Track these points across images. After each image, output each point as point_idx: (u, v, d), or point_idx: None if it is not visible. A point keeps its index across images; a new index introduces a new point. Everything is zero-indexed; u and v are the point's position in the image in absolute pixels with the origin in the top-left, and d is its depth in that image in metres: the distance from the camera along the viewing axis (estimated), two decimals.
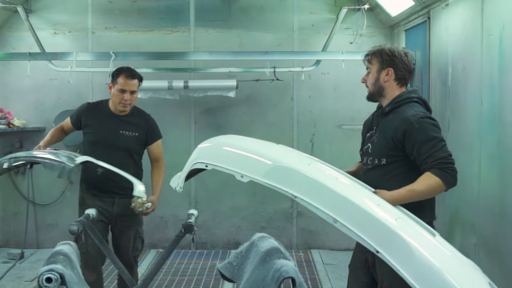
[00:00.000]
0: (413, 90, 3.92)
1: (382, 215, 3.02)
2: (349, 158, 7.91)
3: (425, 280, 2.72)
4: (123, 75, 5.13)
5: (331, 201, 2.99)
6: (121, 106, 5.14)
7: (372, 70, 3.91)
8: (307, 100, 8.13)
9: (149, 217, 8.08)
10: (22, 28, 7.92)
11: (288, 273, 2.62)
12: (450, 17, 5.72)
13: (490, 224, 4.78)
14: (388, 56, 3.85)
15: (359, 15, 7.57)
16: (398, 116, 3.77)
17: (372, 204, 3.16)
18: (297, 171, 3.16)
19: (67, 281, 2.58)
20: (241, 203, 8.17)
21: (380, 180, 3.72)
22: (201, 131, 8.10)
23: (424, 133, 3.66)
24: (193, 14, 8.06)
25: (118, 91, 5.09)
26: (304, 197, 3.01)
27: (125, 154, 5.21)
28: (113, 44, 7.85)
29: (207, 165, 3.45)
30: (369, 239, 2.88)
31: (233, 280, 3.14)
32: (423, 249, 2.84)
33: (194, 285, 6.67)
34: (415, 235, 3.01)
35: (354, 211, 2.97)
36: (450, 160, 3.59)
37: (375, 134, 3.90)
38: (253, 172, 3.19)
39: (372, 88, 3.93)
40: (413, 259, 2.78)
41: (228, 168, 3.29)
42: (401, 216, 3.20)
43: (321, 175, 3.28)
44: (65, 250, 2.86)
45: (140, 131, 5.26)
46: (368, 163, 3.88)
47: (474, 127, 5.08)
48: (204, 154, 3.59)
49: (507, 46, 4.46)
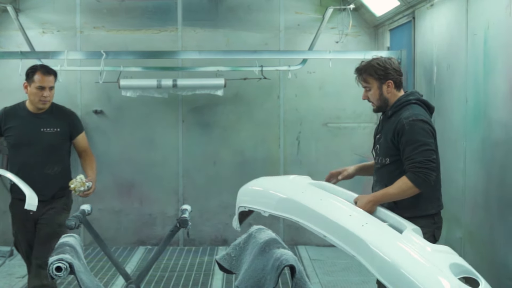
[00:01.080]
0: (411, 93, 4.24)
1: (350, 225, 3.58)
2: (335, 155, 8.14)
3: (385, 273, 3.25)
4: (39, 72, 5.13)
5: (319, 222, 3.69)
6: (41, 104, 5.15)
7: (372, 88, 4.21)
8: (293, 99, 8.25)
9: (138, 214, 8.27)
10: (10, 27, 7.99)
11: (288, 261, 2.74)
12: (435, 17, 5.87)
13: (475, 217, 4.93)
14: (382, 70, 4.15)
15: (344, 15, 7.72)
16: (396, 118, 4.09)
17: (345, 217, 3.71)
18: (294, 201, 3.93)
19: (76, 270, 2.67)
20: (228, 200, 8.22)
21: (390, 177, 4.10)
22: (189, 129, 8.22)
23: (410, 135, 3.98)
24: (181, 13, 8.15)
25: (36, 89, 5.10)
26: (304, 221, 3.76)
27: (49, 152, 5.21)
28: (102, 43, 7.91)
29: (246, 208, 4.37)
30: (346, 246, 3.50)
31: (232, 271, 3.25)
32: (380, 245, 3.36)
33: (184, 280, 6.77)
34: (377, 235, 3.52)
35: (333, 227, 3.61)
36: (426, 164, 3.92)
37: (381, 137, 4.23)
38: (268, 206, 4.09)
39: (378, 103, 4.24)
40: (372, 255, 3.33)
41: (255, 208, 4.25)
42: (369, 221, 3.72)
43: (312, 201, 3.91)
44: (71, 241, 2.95)
45: (62, 126, 5.27)
46: (378, 162, 4.26)
47: (459, 124, 5.23)
48: (242, 198, 4.57)
49: (491, 45, 4.61)
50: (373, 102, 4.27)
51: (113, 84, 7.66)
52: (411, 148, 3.96)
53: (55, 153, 5.25)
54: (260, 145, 8.26)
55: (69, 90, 8.09)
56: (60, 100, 7.98)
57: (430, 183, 3.96)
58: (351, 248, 3.45)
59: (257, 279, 2.89)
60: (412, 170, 3.94)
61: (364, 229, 3.53)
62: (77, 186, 5.01)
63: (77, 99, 8.16)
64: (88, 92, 8.16)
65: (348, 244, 3.48)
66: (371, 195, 4.05)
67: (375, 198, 4.01)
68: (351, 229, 3.51)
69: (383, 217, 3.93)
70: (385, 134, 4.18)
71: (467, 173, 5.06)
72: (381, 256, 3.29)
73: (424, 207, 4.09)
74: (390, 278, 3.20)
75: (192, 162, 8.26)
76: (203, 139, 8.23)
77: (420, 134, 3.97)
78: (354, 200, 4.06)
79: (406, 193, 3.97)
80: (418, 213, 4.03)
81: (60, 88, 7.94)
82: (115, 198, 8.20)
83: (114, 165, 8.20)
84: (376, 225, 3.70)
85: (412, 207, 4.03)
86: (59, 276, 2.66)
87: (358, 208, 3.90)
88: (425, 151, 3.94)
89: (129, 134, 8.22)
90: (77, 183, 5.00)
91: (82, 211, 4.80)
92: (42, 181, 5.14)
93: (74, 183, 5.00)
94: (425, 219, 4.04)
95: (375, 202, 4.00)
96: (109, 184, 8.16)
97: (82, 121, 8.03)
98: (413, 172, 3.93)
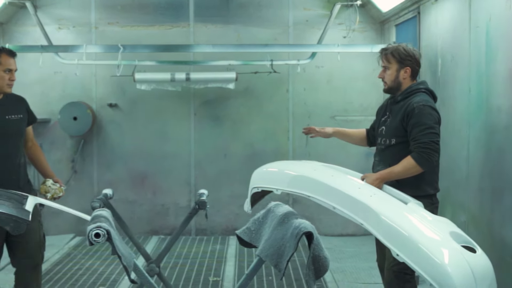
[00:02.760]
0: (421, 82, 4.61)
1: (359, 195, 3.92)
2: (342, 147, 8.33)
3: (391, 237, 3.56)
4: (4, 54, 4.69)
5: (330, 194, 4.01)
6: (9, 88, 4.71)
7: (391, 68, 4.54)
8: (302, 93, 8.49)
9: (151, 204, 8.51)
10: (28, 23, 8.25)
11: (306, 228, 2.99)
12: (439, 11, 6.10)
13: (478, 201, 5.16)
14: (406, 55, 4.50)
15: (351, 11, 7.96)
16: (406, 102, 4.42)
17: (354, 189, 4.07)
18: (307, 177, 4.26)
19: (113, 237, 2.92)
20: (238, 191, 8.46)
21: (393, 158, 4.41)
22: (201, 122, 8.47)
23: (418, 118, 4.31)
24: (193, 10, 8.40)
25: (3, 72, 4.64)
26: (315, 195, 4.07)
27: (16, 141, 4.80)
28: (116, 39, 8.14)
29: (258, 188, 4.64)
30: (355, 215, 3.81)
31: (252, 244, 3.48)
32: (388, 214, 3.68)
33: (198, 266, 7.01)
34: (384, 205, 3.87)
35: (343, 198, 3.93)
36: (430, 146, 4.25)
37: (388, 118, 4.54)
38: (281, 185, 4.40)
39: (391, 84, 4.56)
40: (379, 223, 3.64)
41: (268, 187, 4.57)
42: (376, 193, 4.09)
43: (324, 177, 4.25)
44: (104, 213, 3.19)
45: (23, 112, 4.87)
46: (382, 143, 4.57)
47: (462, 113, 5.47)
48: (255, 180, 4.81)
49: (493, 37, 4.84)
50: (386, 82, 4.57)
51: (127, 78, 7.92)
52: (417, 130, 4.29)
53: (20, 143, 4.83)
54: (269, 137, 8.51)
55: (85, 84, 8.36)
56: (75, 93, 8.36)
57: (432, 163, 4.29)
58: (359, 216, 3.75)
59: (277, 247, 3.13)
60: (417, 150, 4.26)
61: (372, 199, 3.85)
62: (56, 193, 4.80)
63: (92, 93, 8.42)
64: (103, 86, 8.42)
65: (356, 213, 3.78)
66: (378, 173, 4.38)
67: (381, 176, 4.34)
68: (360, 199, 3.83)
69: (388, 192, 4.24)
70: (394, 116, 4.49)
71: (470, 160, 5.29)
72: (388, 222, 3.58)
73: (424, 188, 4.40)
74: (396, 243, 3.47)
75: (204, 154, 8.51)
76: (214, 132, 8.48)
77: (428, 118, 4.30)
78: (362, 177, 4.40)
79: (410, 172, 4.28)
80: (418, 193, 4.31)
81: (76, 82, 8.30)
82: (129, 189, 8.44)
83: (128, 157, 8.46)
84: (383, 196, 4.03)
85: (413, 188, 4.33)
86: (98, 242, 2.91)
87: (366, 183, 4.25)
88: (430, 133, 4.26)
89: (142, 127, 8.47)
90: (54, 190, 4.75)
91: (104, 195, 5.10)
92: (15, 173, 4.73)
93: (50, 190, 4.74)
94: (425, 198, 4.32)
95: (382, 179, 4.32)
96: (123, 175, 8.43)
97: (97, 114, 8.37)
98: (417, 152, 4.26)
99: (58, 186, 4.82)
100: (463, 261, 3.37)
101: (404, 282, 4.25)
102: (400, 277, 4.24)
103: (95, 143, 8.46)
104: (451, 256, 3.39)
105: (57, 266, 6.95)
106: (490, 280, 3.49)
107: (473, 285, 3.32)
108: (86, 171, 8.47)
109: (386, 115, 4.62)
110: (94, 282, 6.40)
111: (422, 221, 3.68)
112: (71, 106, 8.15)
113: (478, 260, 3.49)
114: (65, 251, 7.61)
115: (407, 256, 3.43)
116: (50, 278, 6.53)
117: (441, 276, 3.28)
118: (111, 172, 8.47)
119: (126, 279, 6.46)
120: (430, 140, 4.25)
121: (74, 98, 8.28)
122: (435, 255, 3.34)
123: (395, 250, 3.49)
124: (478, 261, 3.48)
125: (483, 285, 3.39)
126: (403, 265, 4.04)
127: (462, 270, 3.33)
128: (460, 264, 3.35)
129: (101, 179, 8.45)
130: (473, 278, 3.33)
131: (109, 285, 6.31)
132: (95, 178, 8.49)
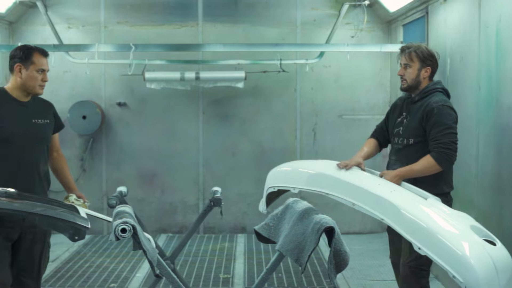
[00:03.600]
0: (438, 82, 4.66)
1: (379, 191, 4.03)
2: (350, 146, 8.41)
3: (413, 231, 3.67)
4: (37, 53, 4.43)
5: (349, 191, 4.14)
6: (40, 89, 4.45)
7: (413, 66, 4.57)
8: (310, 92, 8.56)
9: (159, 203, 8.58)
10: (37, 23, 8.33)
11: (328, 223, 3.06)
12: (448, 12, 6.17)
13: (488, 199, 5.22)
14: (428, 55, 4.56)
15: (359, 11, 8.03)
16: (425, 102, 4.48)
17: (374, 186, 4.17)
18: (325, 174, 4.38)
19: (138, 232, 2.99)
20: (247, 189, 8.57)
21: (410, 158, 4.46)
22: (209, 121, 8.54)
23: (438, 118, 4.38)
24: (201, 9, 8.46)
25: (37, 72, 4.39)
26: (333, 192, 4.19)
27: (42, 147, 4.52)
28: (125, 38, 8.22)
29: (275, 188, 4.68)
30: (375, 211, 3.93)
31: (270, 239, 3.55)
32: (409, 208, 3.80)
33: (208, 264, 7.08)
34: (405, 200, 3.97)
35: (363, 194, 4.04)
36: (450, 146, 4.33)
37: (405, 118, 4.59)
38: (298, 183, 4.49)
39: (412, 82, 4.59)
40: (401, 217, 3.75)
41: (285, 186, 4.61)
42: (396, 189, 4.17)
43: (342, 174, 4.38)
44: (128, 209, 3.26)
45: (50, 117, 4.59)
46: (399, 143, 4.61)
47: (472, 112, 5.53)
48: (271, 180, 4.86)
49: (503, 36, 4.91)
50: (406, 80, 4.59)
51: (136, 77, 7.99)
52: (437, 130, 4.36)
53: (46, 150, 4.56)
54: (277, 136, 8.58)
55: (94, 83, 8.43)
56: (84, 92, 8.42)
57: (452, 162, 4.39)
58: (379, 212, 3.84)
59: (297, 242, 3.20)
60: (437, 150, 4.33)
61: (392, 195, 3.93)
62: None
63: (101, 92, 8.49)
64: (112, 85, 8.49)
65: (376, 208, 3.87)
66: (397, 170, 4.42)
67: (401, 173, 4.39)
68: (381, 194, 3.90)
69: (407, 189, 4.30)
70: (414, 116, 4.53)
71: (480, 158, 5.36)
72: (409, 217, 3.67)
73: (441, 186, 4.47)
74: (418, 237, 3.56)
75: (212, 153, 8.58)
76: (222, 131, 8.55)
77: (447, 119, 4.38)
78: (380, 174, 4.45)
79: (429, 170, 4.35)
80: (435, 191, 4.35)
81: (85, 81, 8.36)
82: (138, 187, 8.50)
83: (137, 155, 8.53)
84: (403, 192, 4.10)
85: (431, 186, 4.38)
86: (124, 237, 2.97)
87: (385, 180, 4.31)
88: (450, 134, 4.35)
89: (151, 126, 8.53)
90: (79, 206, 4.35)
91: (120, 192, 5.17)
92: (36, 182, 4.45)
93: (79, 205, 4.40)
94: (440, 196, 4.36)
95: (401, 177, 4.37)
96: (132, 173, 8.49)
97: (106, 113, 8.44)
98: (437, 152, 4.33)
99: (81, 202, 4.56)
100: (485, 254, 3.46)
101: (420, 277, 4.34)
102: (416, 272, 4.32)
103: (104, 142, 8.52)
104: (473, 248, 3.48)
105: (68, 264, 7.01)
106: (510, 272, 3.59)
107: (495, 276, 3.40)
108: (95, 169, 8.54)
109: (402, 115, 4.66)
110: (106, 280, 6.46)
111: (442, 216, 3.76)
112: (80, 105, 8.22)
113: (498, 252, 3.58)
114: (74, 249, 7.66)
115: (429, 249, 3.51)
116: (62, 275, 6.60)
117: (464, 268, 3.37)
118: (120, 170, 8.54)
119: (137, 276, 6.56)
120: (450, 140, 4.34)
121: (83, 97, 8.34)
122: (457, 248, 3.43)
123: (417, 244, 3.56)
124: (498, 253, 3.57)
125: (505, 276, 3.49)
126: (419, 261, 4.18)
127: (485, 262, 3.43)
128: (482, 256, 3.44)
129: (110, 178, 8.53)
130: (495, 270, 3.42)
131: (120, 283, 6.38)
132: (104, 176, 8.56)
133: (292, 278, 6.48)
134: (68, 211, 3.73)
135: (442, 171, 4.39)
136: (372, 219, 8.42)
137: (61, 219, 3.54)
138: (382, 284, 6.36)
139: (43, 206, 3.69)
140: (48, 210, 3.63)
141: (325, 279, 6.44)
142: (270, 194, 4.83)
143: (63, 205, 3.98)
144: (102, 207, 8.47)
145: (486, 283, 3.43)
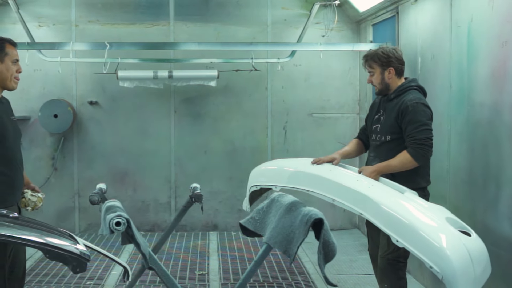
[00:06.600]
0: (413, 80, 4.83)
1: (358, 187, 4.18)
2: (320, 144, 8.56)
3: (390, 224, 3.79)
4: (8, 44, 4.25)
5: (329, 188, 4.24)
6: (15, 82, 4.28)
7: (375, 72, 4.77)
8: (280, 90, 8.66)
9: (132, 201, 8.58)
10: (6, 21, 8.28)
11: (317, 215, 3.16)
12: (419, 12, 6.32)
13: (460, 194, 5.38)
14: (385, 58, 4.71)
15: (329, 10, 8.14)
16: (400, 100, 4.64)
17: (353, 181, 4.31)
18: (306, 172, 4.45)
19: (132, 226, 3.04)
20: (218, 187, 8.64)
21: (388, 154, 4.61)
22: (181, 119, 8.57)
23: (413, 115, 4.53)
24: (173, 8, 8.50)
25: (12, 63, 4.20)
26: (314, 189, 4.23)
27: (19, 144, 4.42)
28: (96, 37, 8.21)
29: (257, 186, 4.71)
30: (354, 206, 4.03)
31: (256, 232, 3.63)
32: (387, 202, 3.94)
33: (182, 261, 7.13)
34: (382, 194, 4.11)
35: (342, 190, 4.17)
36: (426, 142, 4.47)
37: (382, 116, 4.75)
38: (279, 181, 4.50)
39: (380, 86, 4.79)
40: (379, 211, 3.87)
41: (268, 184, 4.65)
42: (374, 184, 4.32)
43: (322, 171, 4.48)
44: (118, 204, 3.30)
45: (12, 113, 4.43)
46: (377, 140, 4.76)
47: (443, 109, 5.68)
48: (253, 178, 4.89)
49: (475, 36, 5.06)
50: (376, 86, 4.81)
51: (107, 76, 7.98)
52: (412, 127, 4.50)
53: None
54: (249, 134, 8.66)
55: (65, 81, 8.39)
56: (55, 91, 8.40)
57: (427, 158, 4.54)
58: (358, 206, 3.97)
59: (285, 234, 3.29)
60: (413, 146, 4.48)
61: (371, 190, 4.08)
62: (36, 205, 4.38)
63: (72, 90, 8.46)
64: (83, 84, 8.47)
65: (355, 203, 4.00)
66: (375, 166, 4.57)
67: (378, 168, 4.54)
68: (359, 190, 4.05)
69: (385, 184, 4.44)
70: (389, 114, 4.69)
71: (452, 154, 5.51)
72: (387, 211, 3.82)
73: (418, 181, 4.62)
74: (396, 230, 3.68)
75: (184, 151, 8.62)
76: (194, 129, 8.59)
77: (422, 115, 4.53)
78: (359, 171, 4.59)
79: (406, 166, 4.49)
80: (412, 186, 4.50)
81: (56, 80, 8.33)
82: (110, 185, 8.24)
83: (109, 154, 8.53)
84: (380, 187, 4.26)
85: (408, 181, 4.53)
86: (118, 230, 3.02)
87: (363, 176, 4.44)
88: (425, 130, 4.50)
89: (123, 124, 8.53)
90: (35, 202, 4.32)
91: (100, 189, 5.20)
92: (22, 181, 4.37)
93: (30, 203, 4.32)
94: (417, 191, 4.51)
95: (378, 172, 4.52)
96: (103, 172, 8.48)
97: (78, 112, 8.43)
98: (413, 148, 4.48)
99: (37, 196, 4.40)
100: (461, 245, 3.59)
101: (397, 269, 4.47)
102: (394, 264, 4.45)
103: (76, 141, 8.49)
104: (449, 240, 3.61)
105: (41, 263, 6.97)
106: (485, 262, 3.73)
107: (470, 266, 3.53)
108: (66, 168, 8.50)
109: (379, 112, 4.82)
110: (81, 277, 6.45)
111: (419, 209, 3.89)
112: (52, 104, 8.19)
113: (474, 243, 3.72)
114: None
115: (407, 242, 3.63)
116: (36, 274, 6.58)
117: (441, 259, 3.50)
118: (91, 169, 8.52)
119: (112, 273, 6.57)
120: (425, 136, 4.48)
121: (54, 96, 8.32)
122: (434, 240, 3.55)
123: (395, 237, 3.68)
124: (474, 244, 3.71)
125: (480, 266, 3.62)
126: (396, 253, 4.31)
127: (460, 253, 3.56)
128: (458, 247, 3.58)
129: (81, 176, 8.51)
130: (470, 260, 3.56)
131: (96, 280, 6.39)
132: (76, 175, 8.53)
133: (267, 274, 6.57)
134: (72, 242, 3.52)
135: (418, 166, 4.52)
136: (342, 216, 8.63)
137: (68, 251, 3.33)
138: (355, 279, 6.49)
139: (50, 235, 3.49)
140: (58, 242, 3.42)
141: (300, 274, 6.55)
142: (253, 193, 4.91)
143: (63, 234, 3.76)
144: (73, 206, 8.48)
145: (462, 273, 3.58)
